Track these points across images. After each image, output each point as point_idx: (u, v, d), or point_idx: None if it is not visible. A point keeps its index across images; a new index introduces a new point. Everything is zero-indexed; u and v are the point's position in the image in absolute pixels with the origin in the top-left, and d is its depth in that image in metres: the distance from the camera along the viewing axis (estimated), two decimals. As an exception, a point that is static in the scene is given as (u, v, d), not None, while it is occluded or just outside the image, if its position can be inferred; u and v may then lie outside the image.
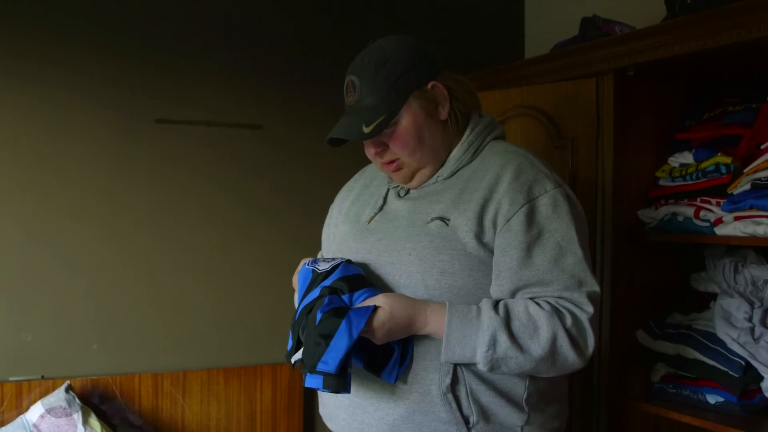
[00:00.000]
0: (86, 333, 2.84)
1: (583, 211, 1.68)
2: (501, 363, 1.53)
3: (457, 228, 1.61)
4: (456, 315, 1.54)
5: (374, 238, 1.72)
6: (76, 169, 2.81)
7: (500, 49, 3.46)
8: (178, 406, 2.91)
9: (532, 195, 1.61)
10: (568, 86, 2.45)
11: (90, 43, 2.81)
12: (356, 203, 1.87)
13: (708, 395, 2.25)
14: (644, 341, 2.40)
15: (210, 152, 2.99)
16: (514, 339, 1.52)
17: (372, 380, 1.64)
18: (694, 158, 2.31)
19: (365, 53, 1.70)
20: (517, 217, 1.59)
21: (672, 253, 2.45)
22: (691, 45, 2.08)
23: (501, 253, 1.59)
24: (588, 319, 1.56)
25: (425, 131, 1.68)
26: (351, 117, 1.67)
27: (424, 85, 1.68)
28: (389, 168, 1.73)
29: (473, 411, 1.59)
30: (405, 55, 1.67)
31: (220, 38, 2.99)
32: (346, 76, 1.71)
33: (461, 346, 1.53)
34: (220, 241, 3.02)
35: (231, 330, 3.03)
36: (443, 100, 1.70)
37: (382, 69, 1.65)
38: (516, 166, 1.65)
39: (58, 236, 2.79)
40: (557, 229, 1.59)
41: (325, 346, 1.48)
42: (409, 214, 1.70)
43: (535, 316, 1.53)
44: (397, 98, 1.65)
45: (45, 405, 2.62)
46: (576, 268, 1.58)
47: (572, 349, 1.55)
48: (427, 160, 1.70)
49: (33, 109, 2.75)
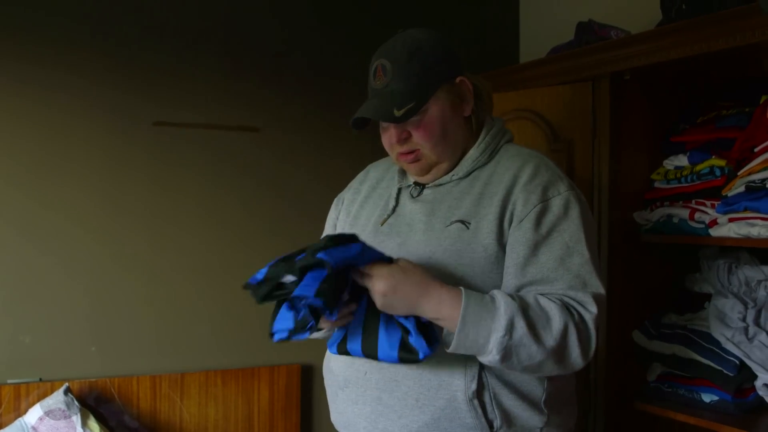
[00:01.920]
0: (84, 335, 2.84)
1: (592, 216, 1.71)
2: (513, 351, 1.49)
3: (479, 231, 1.62)
4: (473, 298, 1.51)
5: (393, 243, 1.70)
6: (73, 172, 2.81)
7: (495, 54, 3.49)
8: (176, 408, 2.92)
9: (547, 196, 1.62)
10: (565, 90, 2.48)
11: (88, 45, 2.81)
12: (365, 206, 1.86)
13: (703, 394, 2.28)
14: (640, 341, 2.44)
15: (207, 155, 3.00)
16: (531, 326, 1.49)
17: (398, 385, 1.63)
18: (688, 161, 2.35)
19: (397, 40, 1.70)
20: (529, 216, 1.61)
21: (667, 255, 2.49)
22: (686, 50, 2.12)
23: (510, 250, 1.61)
24: (592, 319, 1.55)
25: (449, 126, 1.69)
26: (379, 100, 1.66)
27: (452, 78, 1.70)
28: (406, 158, 1.71)
29: (497, 415, 1.60)
30: (437, 46, 1.69)
31: (217, 41, 3.00)
32: (374, 60, 1.71)
33: (476, 331, 1.48)
34: (217, 243, 3.03)
35: (229, 332, 3.04)
36: (468, 97, 1.72)
37: (414, 57, 1.65)
38: (533, 167, 1.67)
39: (55, 239, 2.80)
40: (566, 229, 1.60)
41: (334, 246, 1.43)
42: (426, 217, 1.70)
43: (547, 307, 1.52)
44: (428, 88, 1.65)
45: (44, 407, 2.62)
46: (582, 268, 1.58)
47: (578, 345, 1.53)
48: (447, 155, 1.71)
49: (30, 112, 2.75)
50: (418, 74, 1.64)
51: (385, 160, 1.98)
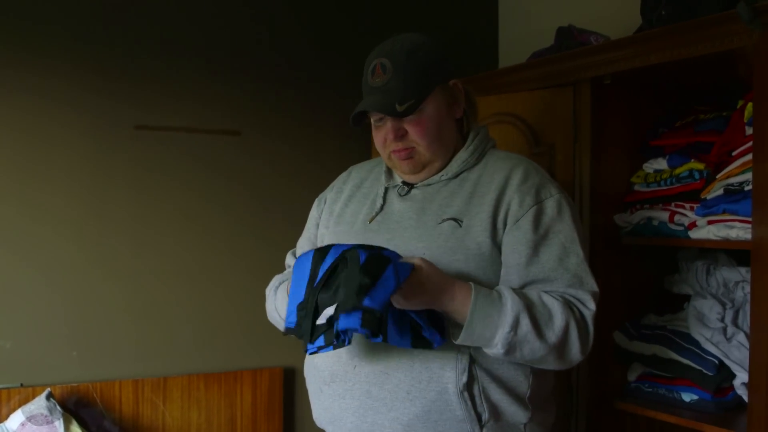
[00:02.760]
0: (66, 340, 2.82)
1: (578, 217, 1.79)
2: (518, 346, 1.57)
3: (471, 229, 1.68)
4: (481, 294, 1.57)
5: (381, 239, 1.74)
6: (54, 176, 2.79)
7: (474, 59, 3.52)
8: (159, 412, 2.91)
9: (540, 197, 1.70)
10: (546, 94, 2.51)
11: (68, 49, 2.80)
12: (349, 204, 1.89)
13: (683, 393, 2.32)
14: (621, 342, 2.47)
15: (189, 158, 2.99)
16: (535, 323, 1.57)
17: (388, 377, 1.65)
18: (668, 164, 2.38)
19: (396, 41, 1.76)
20: (526, 217, 1.67)
21: (647, 257, 2.52)
22: (666, 55, 2.15)
23: (510, 250, 1.67)
24: (591, 316, 1.65)
25: (444, 125, 1.76)
26: (380, 95, 1.71)
27: (447, 81, 1.78)
28: (400, 155, 1.76)
29: (485, 409, 1.65)
30: (434, 50, 1.76)
31: (199, 45, 3.00)
32: (371, 59, 1.76)
33: (483, 326, 1.56)
34: (199, 248, 3.02)
35: (211, 336, 3.04)
36: (461, 100, 1.81)
37: (413, 57, 1.71)
38: (524, 170, 1.74)
39: (36, 243, 2.78)
40: (561, 231, 1.68)
41: (372, 285, 1.41)
42: (417, 215, 1.75)
43: (549, 305, 1.60)
44: (426, 86, 1.72)
45: (25, 413, 2.61)
46: (578, 268, 1.67)
47: (578, 341, 1.62)
48: (440, 154, 1.77)
49: (9, 117, 2.72)
50: (416, 73, 1.71)
51: (367, 163, 2.02)
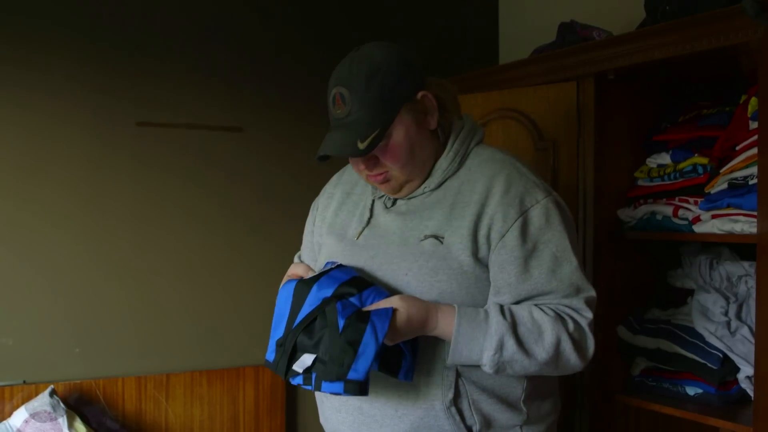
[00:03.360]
0: (68, 337, 2.82)
1: (571, 217, 1.70)
2: (507, 366, 1.57)
3: (452, 246, 1.62)
4: (465, 318, 1.56)
5: (366, 255, 1.70)
6: (56, 174, 2.79)
7: (475, 55, 3.52)
8: (162, 409, 2.91)
9: (524, 207, 1.61)
10: (549, 89, 2.51)
11: (69, 46, 2.80)
12: (340, 213, 1.83)
13: (687, 387, 2.33)
14: (624, 336, 2.48)
15: (191, 155, 2.99)
16: (521, 343, 1.55)
17: (377, 396, 1.65)
18: (671, 159, 2.39)
19: (352, 63, 1.61)
20: (511, 232, 1.60)
21: (650, 251, 2.53)
22: (670, 50, 2.15)
23: (498, 270, 1.62)
24: (588, 324, 1.62)
25: (416, 144, 1.65)
26: (342, 131, 1.60)
27: (414, 95, 1.64)
28: (376, 180, 1.69)
29: (476, 420, 1.64)
30: (395, 65, 1.61)
31: (200, 41, 3.00)
32: (331, 87, 1.63)
33: (468, 349, 1.55)
34: (201, 244, 3.02)
35: (213, 332, 3.04)
36: (432, 110, 1.67)
37: (372, 81, 1.58)
38: (505, 177, 1.64)
39: (38, 240, 2.77)
40: (551, 240, 1.61)
41: (354, 354, 1.47)
42: (400, 230, 1.69)
43: (540, 321, 1.57)
44: (390, 111, 1.60)
45: (29, 410, 2.60)
46: (573, 276, 1.62)
47: (575, 353, 1.60)
48: (416, 173, 1.68)
49: (11, 113, 2.73)
50: (378, 99, 1.58)
51: None
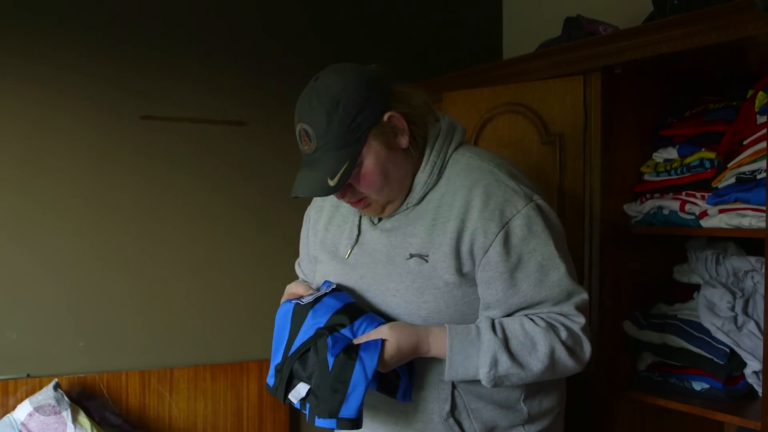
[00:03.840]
0: (72, 331, 2.82)
1: (556, 217, 1.67)
2: (504, 380, 1.59)
3: (437, 265, 1.61)
4: (457, 338, 1.57)
5: (356, 275, 1.71)
6: (59, 167, 2.79)
7: (479, 50, 3.52)
8: (165, 403, 2.91)
9: (505, 219, 1.59)
10: (556, 84, 2.50)
11: (74, 39, 2.79)
12: (330, 228, 1.83)
13: (694, 382, 2.32)
14: (630, 331, 2.47)
15: (195, 149, 2.99)
16: (514, 358, 1.57)
17: (378, 412, 1.69)
18: (678, 153, 2.39)
19: (312, 96, 1.57)
20: (493, 247, 1.58)
21: (656, 246, 2.53)
22: (678, 44, 2.14)
23: (485, 287, 1.62)
24: (580, 328, 1.62)
25: (390, 166, 1.62)
26: (312, 170, 1.58)
27: (380, 119, 1.59)
28: (358, 206, 1.68)
29: (476, 429, 1.67)
30: (355, 92, 1.56)
31: (205, 35, 2.99)
32: (296, 122, 1.61)
33: (464, 367, 1.58)
34: (205, 238, 3.02)
35: (217, 326, 3.03)
36: (402, 128, 1.63)
37: (334, 114, 1.54)
38: (483, 189, 1.61)
39: (41, 234, 2.77)
40: (535, 249, 1.59)
41: (344, 393, 1.50)
42: (386, 249, 1.68)
43: (532, 333, 1.58)
44: (357, 141, 1.57)
45: (33, 403, 2.60)
46: (562, 282, 1.61)
47: (570, 359, 1.61)
48: (395, 193, 1.66)
49: (15, 106, 2.73)
50: (342, 131, 1.55)
51: None
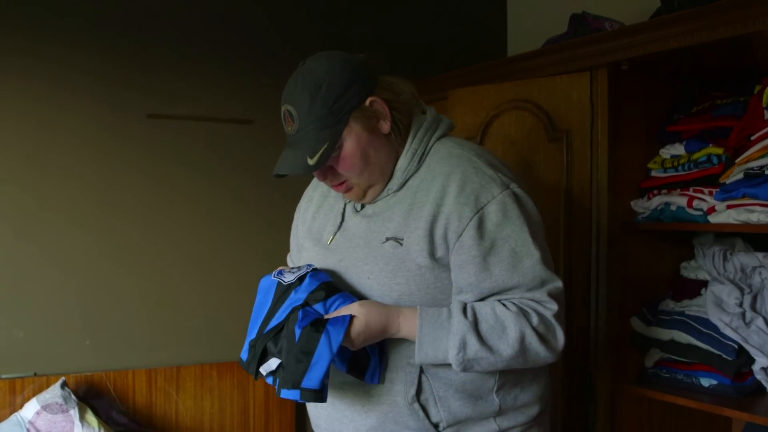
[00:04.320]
0: (79, 329, 2.82)
1: (534, 207, 1.67)
2: (473, 363, 1.57)
3: (410, 248, 1.61)
4: (427, 319, 1.58)
5: (335, 259, 1.72)
6: (66, 165, 2.79)
7: (483, 47, 3.51)
8: (172, 401, 2.91)
9: (480, 204, 1.59)
10: (562, 80, 2.50)
11: (80, 38, 2.80)
12: (317, 217, 1.85)
13: (702, 378, 2.32)
14: (638, 327, 2.47)
15: (201, 147, 2.99)
16: (483, 341, 1.56)
17: (345, 392, 1.68)
18: (685, 149, 2.38)
19: (297, 80, 1.63)
20: (467, 231, 1.59)
21: (663, 242, 2.52)
22: (686, 39, 2.14)
23: (458, 270, 1.61)
24: (553, 315, 1.60)
25: (370, 150, 1.65)
26: (293, 149, 1.63)
27: (362, 102, 1.63)
28: (339, 189, 1.71)
29: (443, 417, 1.64)
30: (338, 76, 1.60)
31: (212, 34, 3.00)
32: (281, 104, 1.65)
33: (433, 349, 1.57)
34: (210, 236, 3.02)
35: (223, 325, 3.03)
36: (384, 115, 1.66)
37: (317, 95, 1.58)
38: (460, 175, 1.63)
39: (48, 232, 2.77)
40: (509, 235, 1.59)
41: (308, 364, 1.51)
42: (365, 233, 1.69)
43: (502, 317, 1.57)
44: (338, 123, 1.60)
45: (40, 401, 2.60)
46: (535, 269, 1.60)
47: (541, 345, 1.59)
48: (376, 177, 1.68)
49: (22, 105, 2.73)
50: (323, 113, 1.59)
51: None
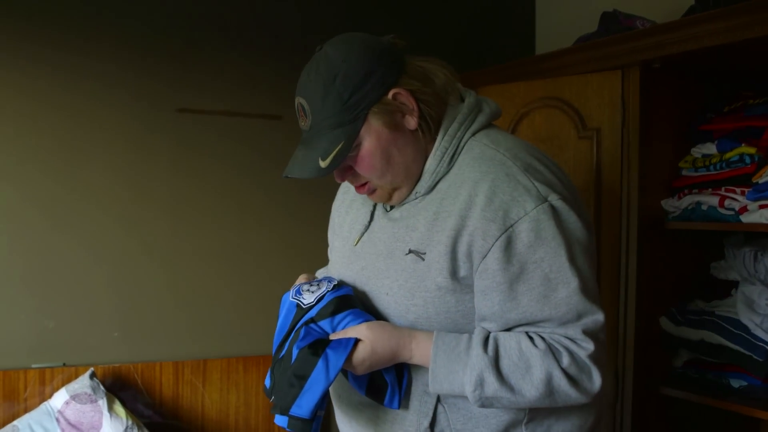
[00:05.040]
0: (107, 320, 2.84)
1: (578, 220, 1.41)
2: (492, 401, 1.40)
3: (431, 265, 1.43)
4: (442, 348, 1.41)
5: (358, 266, 1.57)
6: (98, 157, 2.82)
7: (510, 46, 3.51)
8: (199, 394, 2.93)
9: (509, 221, 1.37)
10: (593, 78, 2.49)
11: (114, 32, 2.82)
12: (349, 212, 1.69)
13: (732, 379, 2.31)
14: (667, 327, 2.46)
15: (230, 142, 3.01)
16: (503, 380, 1.38)
17: (361, 413, 1.55)
18: (717, 149, 2.37)
19: (311, 68, 1.44)
20: (492, 253, 1.37)
21: (693, 242, 2.51)
22: (721, 38, 2.12)
23: (481, 297, 1.42)
24: (587, 356, 1.39)
25: (393, 149, 1.45)
26: (304, 149, 1.46)
27: (384, 95, 1.42)
28: (362, 191, 1.53)
29: None
30: (357, 64, 1.41)
31: (242, 29, 3.01)
32: (296, 96, 1.48)
33: (449, 382, 1.41)
34: (239, 230, 3.04)
35: (250, 318, 3.05)
36: (410, 109, 1.45)
37: (331, 87, 1.40)
38: (490, 184, 1.40)
39: (80, 224, 2.80)
40: (543, 259, 1.37)
41: (300, 389, 1.38)
42: (389, 240, 1.51)
43: (528, 354, 1.38)
44: (354, 119, 1.41)
45: (69, 391, 2.63)
46: (571, 300, 1.38)
47: (572, 388, 1.39)
48: (401, 179, 1.49)
49: (56, 97, 2.75)
50: (338, 109, 1.40)
51: None
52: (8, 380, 2.67)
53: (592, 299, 1.40)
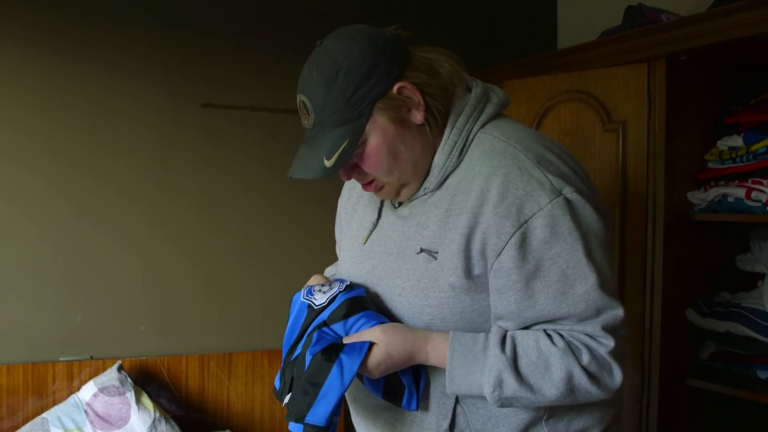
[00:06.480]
0: (134, 314, 2.87)
1: (594, 213, 1.36)
2: (512, 401, 1.37)
3: (444, 264, 1.39)
4: (458, 350, 1.37)
5: (368, 266, 1.53)
6: (126, 151, 2.84)
7: (532, 40, 3.51)
8: (224, 387, 2.95)
9: (523, 217, 1.32)
10: (619, 71, 2.50)
11: (141, 28, 2.84)
12: (357, 209, 1.66)
13: (759, 371, 2.31)
14: (693, 319, 2.46)
15: (255, 137, 3.03)
16: (523, 380, 1.34)
17: (378, 417, 1.52)
18: (743, 141, 2.37)
19: (312, 63, 1.41)
20: (507, 250, 1.33)
21: (719, 234, 2.51)
22: (749, 29, 2.13)
23: (497, 296, 1.38)
24: (608, 352, 1.36)
25: (399, 145, 1.40)
26: (309, 148, 1.42)
27: (389, 90, 1.37)
28: (369, 189, 1.49)
29: None
30: (359, 59, 1.36)
31: (267, 25, 3.03)
32: (297, 93, 1.43)
33: (466, 384, 1.37)
34: (266, 224, 3.06)
35: (276, 311, 3.05)
36: (416, 103, 1.40)
37: (333, 84, 1.35)
38: (502, 179, 1.35)
39: (108, 218, 2.82)
40: (560, 255, 1.33)
41: (314, 396, 1.34)
42: (399, 239, 1.48)
43: (547, 352, 1.35)
44: (359, 116, 1.37)
45: (98, 384, 2.65)
46: (589, 296, 1.34)
47: (593, 386, 1.36)
48: (408, 176, 1.44)
49: (86, 92, 2.79)
50: (341, 106, 1.35)
51: None
52: (37, 373, 2.70)
53: (610, 294, 1.36)
